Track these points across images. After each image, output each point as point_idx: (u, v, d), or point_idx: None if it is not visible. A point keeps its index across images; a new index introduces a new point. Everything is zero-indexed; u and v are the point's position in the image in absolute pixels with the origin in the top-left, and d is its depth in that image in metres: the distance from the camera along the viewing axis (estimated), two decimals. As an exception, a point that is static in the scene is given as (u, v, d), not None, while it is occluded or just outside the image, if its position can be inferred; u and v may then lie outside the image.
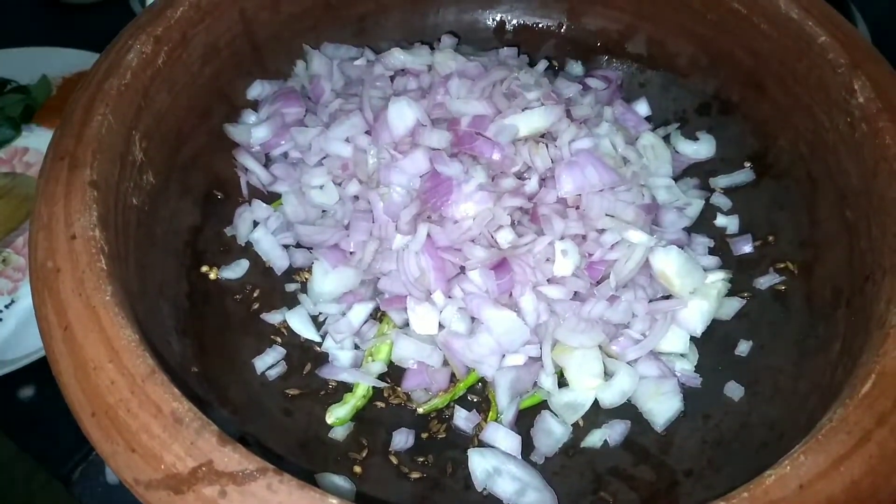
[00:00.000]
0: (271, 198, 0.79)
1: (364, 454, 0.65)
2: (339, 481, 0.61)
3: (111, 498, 0.80)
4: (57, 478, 0.81)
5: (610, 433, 0.67)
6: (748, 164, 0.80)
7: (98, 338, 0.49)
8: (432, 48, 0.81)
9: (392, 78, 0.79)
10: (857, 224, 0.65)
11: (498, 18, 0.89)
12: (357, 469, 0.64)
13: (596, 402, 0.69)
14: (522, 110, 0.72)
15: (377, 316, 0.73)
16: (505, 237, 0.69)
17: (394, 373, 0.71)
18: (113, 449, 0.47)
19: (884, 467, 0.47)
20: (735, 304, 0.73)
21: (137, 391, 0.47)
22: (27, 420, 0.84)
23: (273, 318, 0.72)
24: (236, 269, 0.74)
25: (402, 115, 0.72)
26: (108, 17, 1.23)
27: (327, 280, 0.72)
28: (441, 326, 0.69)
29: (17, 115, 1.07)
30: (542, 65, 0.82)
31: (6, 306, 0.92)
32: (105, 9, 1.25)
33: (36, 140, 1.08)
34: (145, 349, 0.49)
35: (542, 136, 0.74)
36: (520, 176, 0.73)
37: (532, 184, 0.72)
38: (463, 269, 0.70)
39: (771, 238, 0.76)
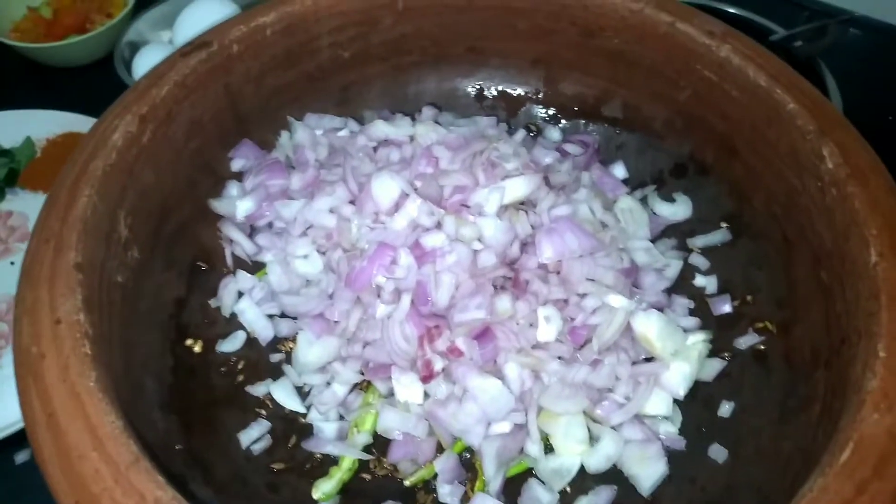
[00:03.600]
0: (255, 267, 0.79)
1: (351, 529, 0.65)
2: (326, 559, 0.61)
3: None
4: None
5: (597, 500, 0.67)
6: (724, 224, 0.82)
7: (82, 425, 0.50)
8: (414, 119, 0.83)
9: (375, 149, 0.81)
10: (831, 286, 0.67)
11: (477, 86, 0.92)
12: (344, 545, 0.64)
13: (583, 467, 0.69)
14: (502, 180, 0.74)
15: (362, 386, 0.73)
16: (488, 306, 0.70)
17: (379, 443, 0.71)
18: (97, 539, 0.47)
19: (866, 537, 0.48)
20: (716, 364, 0.74)
21: (121, 480, 0.47)
22: (14, 487, 0.83)
23: (258, 390, 0.72)
24: (234, 342, 0.74)
25: (387, 188, 0.73)
26: (93, 80, 1.24)
27: (312, 350, 0.72)
28: (426, 395, 0.70)
29: (2, 178, 1.08)
30: (521, 134, 0.84)
31: (-9, 373, 0.91)
32: (89, 72, 1.26)
33: (20, 203, 1.08)
34: (129, 435, 0.49)
35: (522, 203, 0.76)
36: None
37: (513, 250, 0.73)
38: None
39: (749, 297, 0.77)
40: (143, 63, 1.14)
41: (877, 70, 1.21)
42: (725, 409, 0.72)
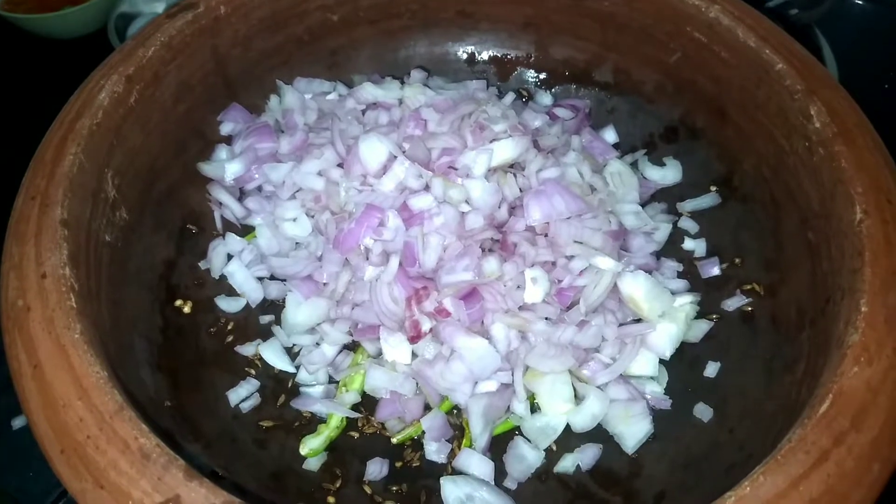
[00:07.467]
0: (245, 230, 0.80)
1: (338, 484, 0.65)
2: (313, 512, 0.62)
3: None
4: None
5: (582, 458, 0.68)
6: (714, 188, 0.82)
7: (67, 376, 0.50)
8: (403, 82, 0.83)
9: (364, 112, 0.81)
10: (818, 246, 0.67)
11: (469, 51, 0.91)
12: (331, 500, 0.64)
13: (568, 426, 0.70)
14: (490, 142, 0.74)
15: (352, 346, 0.74)
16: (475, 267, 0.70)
17: (368, 402, 0.71)
18: (82, 486, 0.47)
19: (842, 486, 0.48)
20: (703, 326, 0.74)
21: (105, 428, 0.48)
22: (8, 453, 0.84)
23: (247, 350, 0.73)
24: (223, 303, 0.75)
25: (374, 150, 0.73)
26: (87, 52, 1.23)
27: (300, 311, 0.73)
28: (414, 355, 0.70)
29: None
30: (510, 97, 0.83)
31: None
32: (83, 44, 1.26)
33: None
34: (114, 385, 0.50)
35: (511, 166, 0.76)
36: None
37: (502, 213, 0.74)
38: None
39: (738, 260, 0.78)
40: (137, 33, 1.13)
41: (873, 38, 1.20)
42: (711, 369, 0.72)
